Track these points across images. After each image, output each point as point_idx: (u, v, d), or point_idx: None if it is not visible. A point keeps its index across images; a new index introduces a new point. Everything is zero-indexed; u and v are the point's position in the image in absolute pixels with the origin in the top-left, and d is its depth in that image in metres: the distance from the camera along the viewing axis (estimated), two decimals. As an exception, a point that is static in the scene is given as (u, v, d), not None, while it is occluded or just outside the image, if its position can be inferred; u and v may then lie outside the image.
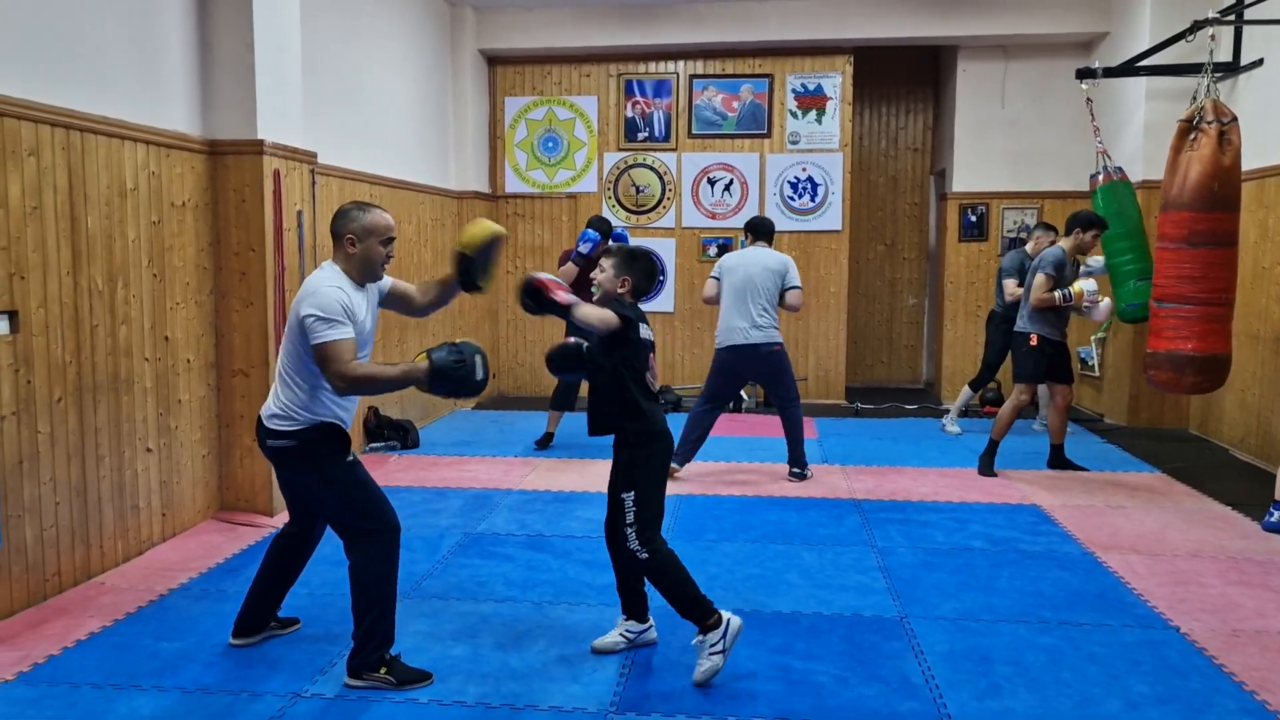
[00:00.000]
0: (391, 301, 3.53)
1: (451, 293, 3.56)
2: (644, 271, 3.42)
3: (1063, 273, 5.90)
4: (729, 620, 3.27)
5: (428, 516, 5.22)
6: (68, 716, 3.02)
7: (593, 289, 3.47)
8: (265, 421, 3.26)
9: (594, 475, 6.11)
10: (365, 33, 6.85)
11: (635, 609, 3.54)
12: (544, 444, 6.94)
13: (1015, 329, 6.15)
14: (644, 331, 3.40)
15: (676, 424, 7.74)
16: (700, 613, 3.26)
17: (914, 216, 10.21)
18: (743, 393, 8.66)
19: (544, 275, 3.31)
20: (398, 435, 6.97)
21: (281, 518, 5.11)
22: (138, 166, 4.46)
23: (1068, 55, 8.59)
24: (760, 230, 6.09)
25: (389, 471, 6.26)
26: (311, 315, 3.06)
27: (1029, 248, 7.18)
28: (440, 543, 4.78)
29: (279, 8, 5.15)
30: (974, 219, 8.96)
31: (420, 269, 7.74)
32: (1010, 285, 7.03)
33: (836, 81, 8.89)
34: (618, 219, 9.17)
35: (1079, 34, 8.40)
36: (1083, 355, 8.53)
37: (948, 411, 7.80)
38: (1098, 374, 8.34)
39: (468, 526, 5.05)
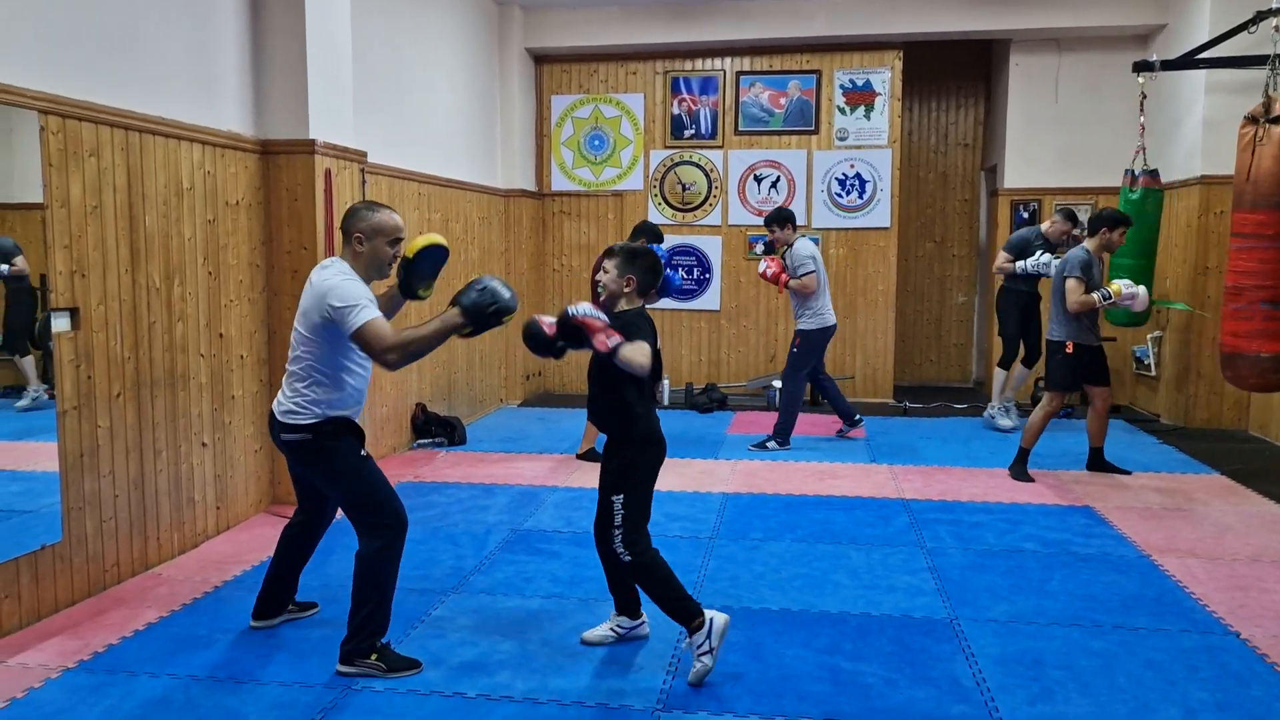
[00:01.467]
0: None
1: (398, 302, 3.60)
2: (647, 268, 3.39)
3: (1090, 273, 5.78)
4: (712, 620, 3.26)
5: (475, 513, 5.26)
6: (125, 704, 3.09)
7: (598, 290, 3.46)
8: (280, 416, 3.34)
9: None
10: (414, 33, 6.91)
11: (627, 606, 3.58)
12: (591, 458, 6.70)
13: (1049, 337, 6.02)
14: (657, 341, 3.37)
15: (720, 421, 7.74)
16: (685, 614, 3.27)
17: (964, 213, 10.08)
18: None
19: (584, 311, 3.16)
20: (445, 432, 7.03)
21: (332, 512, 5.20)
22: (193, 166, 4.54)
23: (1123, 48, 8.42)
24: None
25: (436, 467, 6.31)
26: (339, 307, 3.14)
27: (1044, 228, 7.35)
28: (487, 539, 4.81)
29: (330, 9, 5.21)
30: (1026, 215, 8.82)
31: (468, 266, 7.80)
32: (1001, 258, 7.38)
33: (885, 77, 8.80)
34: (664, 216, 9.17)
35: (1135, 26, 8.22)
36: (1139, 354, 8.36)
37: (1004, 406, 7.68)
38: (1154, 374, 8.16)
39: (514, 523, 5.08)
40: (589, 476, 6.03)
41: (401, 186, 6.61)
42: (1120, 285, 5.71)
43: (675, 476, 6.01)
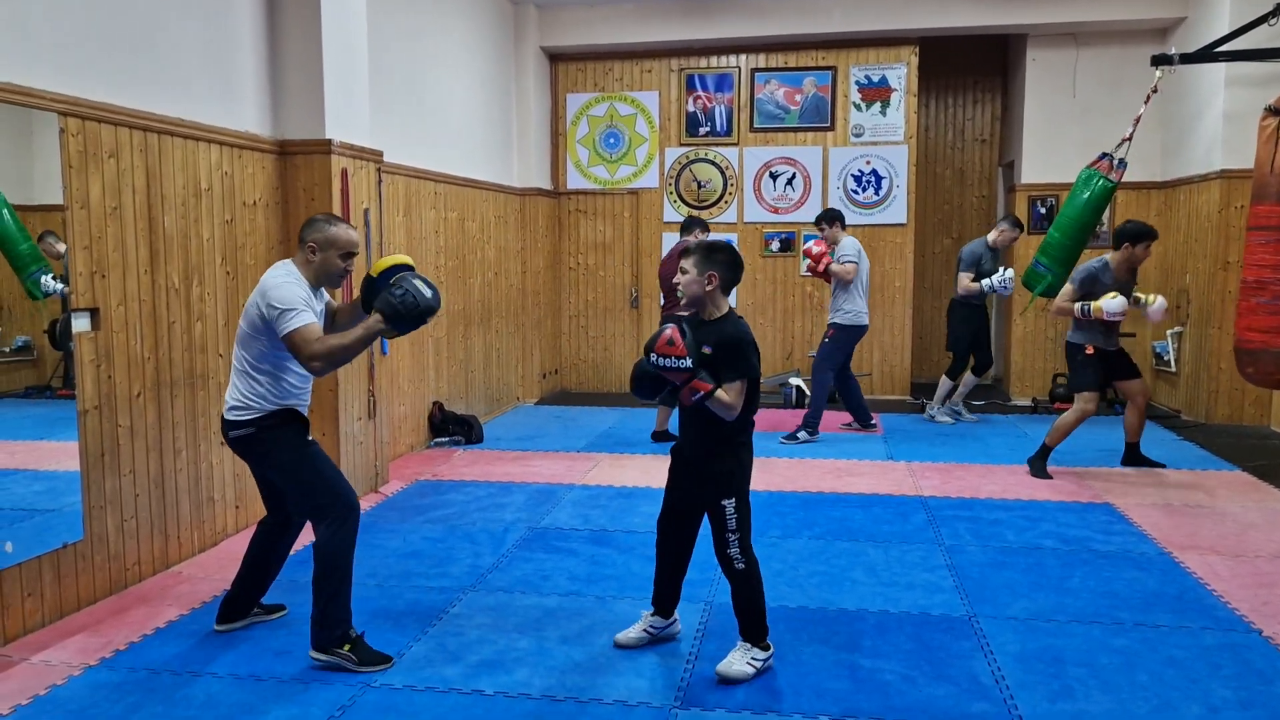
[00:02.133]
0: (324, 317, 3.58)
1: (361, 317, 3.51)
2: (728, 263, 3.24)
3: (1092, 288, 5.72)
4: (773, 651, 3.32)
5: (492, 511, 5.27)
6: (148, 702, 3.11)
7: (678, 293, 3.32)
8: (225, 414, 3.39)
9: (657, 471, 6.10)
10: (430, 32, 6.93)
11: (665, 604, 3.53)
12: (662, 438, 6.98)
13: (1068, 339, 5.98)
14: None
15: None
16: (762, 629, 3.30)
17: (981, 209, 10.02)
18: (805, 388, 8.59)
19: (668, 363, 3.01)
20: (462, 430, 7.05)
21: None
22: (211, 167, 4.56)
23: (1142, 42, 8.34)
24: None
25: (454, 466, 6.33)
26: (274, 309, 3.21)
27: (990, 238, 7.44)
28: (505, 537, 4.82)
29: (346, 9, 5.23)
30: (1044, 211, 8.76)
31: (484, 265, 7.81)
32: (965, 279, 7.34)
33: (901, 73, 8.76)
34: (679, 214, 9.16)
35: (1154, 20, 8.15)
36: (1159, 350, 8.30)
37: (1018, 404, 7.67)
38: (1174, 370, 8.10)
39: (532, 521, 5.09)
40: (607, 474, 6.04)
41: (418, 186, 6.63)
42: (1104, 308, 5.62)
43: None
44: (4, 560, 3.47)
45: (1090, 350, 5.81)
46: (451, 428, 7.04)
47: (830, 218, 7.14)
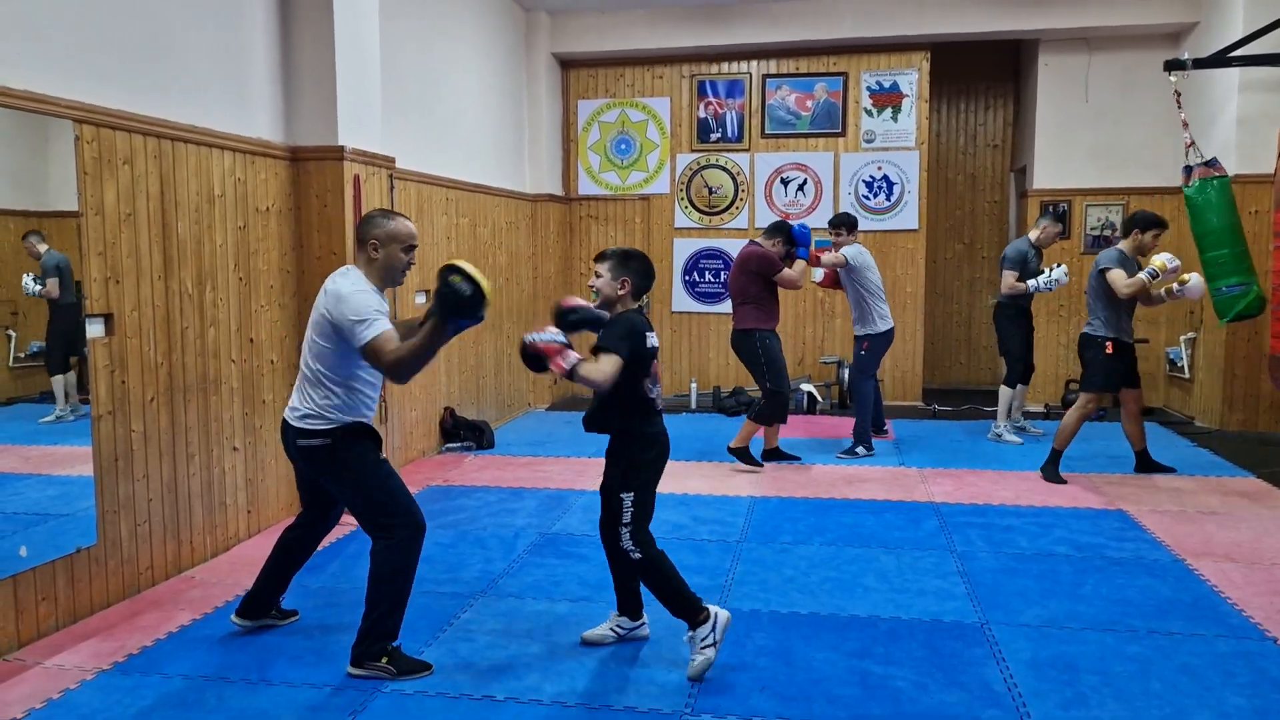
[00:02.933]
0: None
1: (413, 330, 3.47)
2: (641, 270, 3.43)
3: (1128, 265, 5.72)
4: (716, 614, 3.33)
5: (503, 516, 5.28)
6: (161, 706, 3.12)
7: (592, 294, 3.49)
8: (295, 423, 3.36)
9: (667, 476, 6.07)
10: (442, 39, 6.95)
11: (629, 607, 3.59)
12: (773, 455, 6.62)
13: (1087, 332, 5.93)
14: (650, 341, 3.40)
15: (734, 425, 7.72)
16: (690, 610, 3.32)
17: (993, 215, 10.00)
18: (817, 394, 8.58)
19: (540, 339, 3.20)
20: (473, 436, 7.06)
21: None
22: (225, 173, 4.59)
23: (1155, 47, 8.33)
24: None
25: (465, 471, 6.34)
26: (348, 319, 3.19)
27: (1033, 236, 7.05)
28: (516, 542, 4.82)
29: (359, 16, 5.26)
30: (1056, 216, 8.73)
31: (495, 270, 7.83)
32: (1009, 278, 6.94)
33: (913, 78, 8.76)
34: (690, 220, 9.17)
35: (1167, 24, 8.13)
36: (1171, 356, 8.26)
37: (1031, 410, 7.60)
38: (1188, 375, 8.06)
39: (543, 526, 5.09)
40: (616, 480, 6.03)
41: (430, 192, 6.65)
42: (1164, 260, 5.62)
43: (703, 479, 6.00)
44: (18, 564, 3.50)
45: (1110, 348, 5.78)
46: (463, 433, 7.05)
47: (849, 223, 6.90)
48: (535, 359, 3.24)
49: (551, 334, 3.22)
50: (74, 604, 3.75)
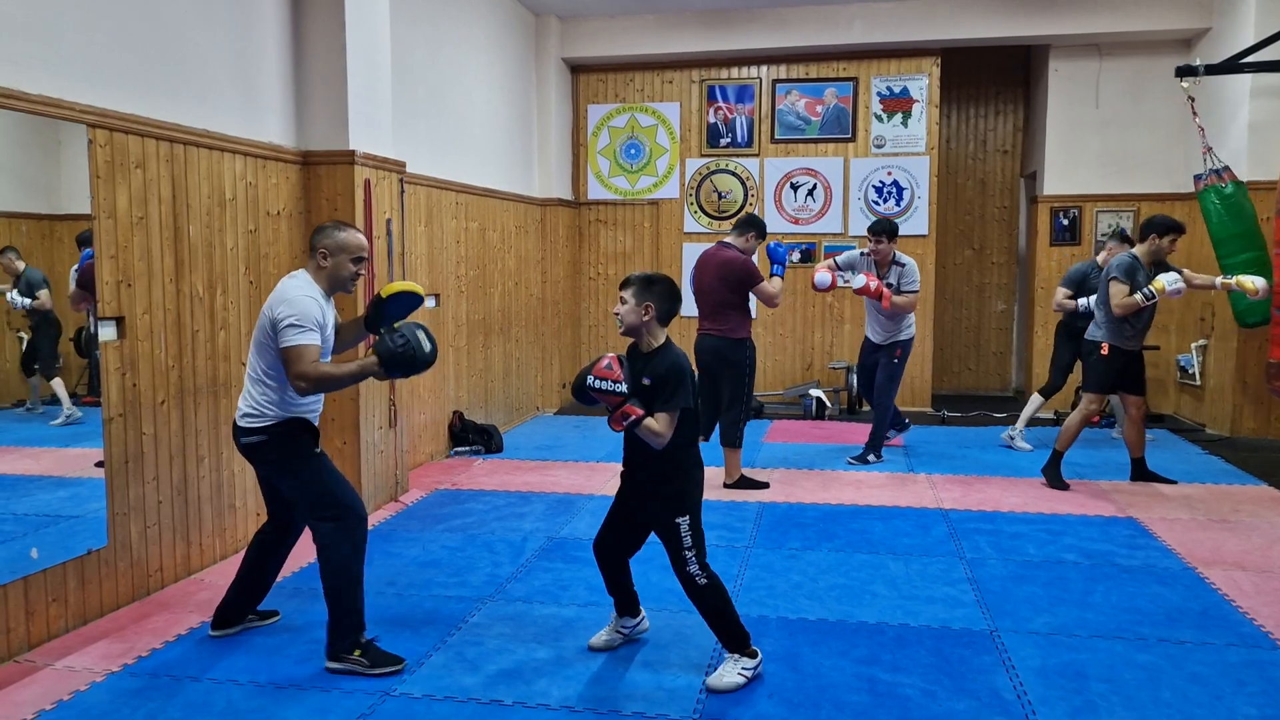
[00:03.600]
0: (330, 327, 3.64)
1: (361, 334, 3.68)
2: (665, 294, 3.26)
3: (1134, 278, 5.67)
4: (760, 656, 3.35)
5: (512, 520, 5.28)
6: (169, 708, 3.13)
7: (616, 322, 3.36)
8: (239, 421, 3.44)
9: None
10: (452, 44, 6.97)
11: (628, 606, 3.62)
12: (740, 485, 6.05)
13: (1086, 336, 5.93)
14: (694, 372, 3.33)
15: (756, 430, 7.71)
16: (742, 638, 3.31)
17: (1003, 220, 9.98)
18: (825, 400, 8.57)
19: (604, 386, 3.15)
20: (482, 440, 7.07)
21: (372, 518, 5.24)
22: (236, 177, 4.61)
23: (1166, 53, 8.31)
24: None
25: (473, 475, 6.35)
26: (285, 319, 3.27)
27: (1100, 258, 6.80)
28: (524, 546, 4.82)
29: (370, 21, 5.28)
30: (1066, 222, 8.72)
31: (504, 274, 7.84)
32: (1060, 294, 6.84)
33: (923, 84, 8.75)
34: (700, 225, 9.18)
35: (1178, 30, 8.10)
36: (1183, 363, 8.22)
37: (1041, 417, 7.56)
38: (1198, 383, 8.02)
39: (551, 531, 5.09)
40: (625, 485, 6.03)
41: (439, 196, 6.67)
42: (1164, 282, 5.59)
43: (710, 486, 5.99)
44: (29, 566, 3.51)
45: (1105, 350, 5.77)
46: (471, 437, 7.06)
47: (893, 231, 6.46)
48: (592, 400, 3.21)
49: (614, 385, 3.15)
50: (84, 606, 3.77)
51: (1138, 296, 5.60)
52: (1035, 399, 7.19)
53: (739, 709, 3.12)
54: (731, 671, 3.27)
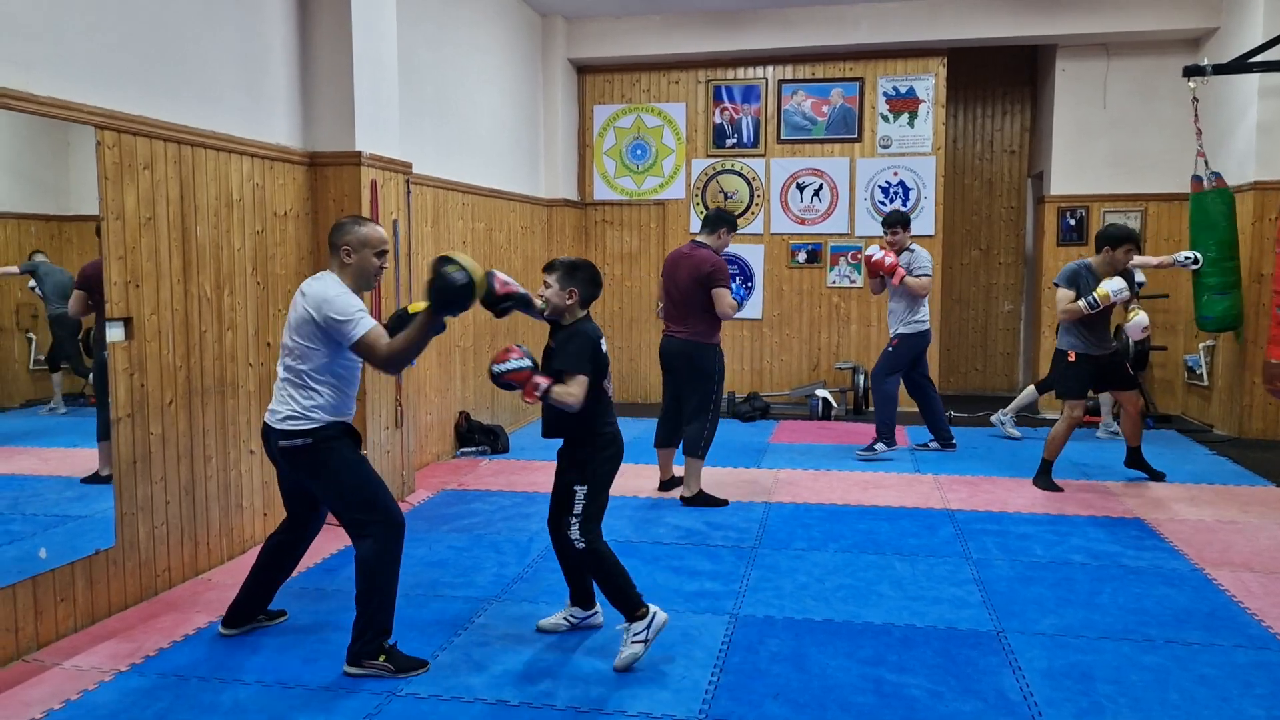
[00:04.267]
0: None
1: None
2: (588, 280, 3.55)
3: (1076, 284, 5.65)
4: (655, 614, 3.46)
5: (518, 520, 5.29)
6: (177, 707, 3.14)
7: (539, 305, 3.57)
8: (277, 425, 3.42)
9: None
10: (458, 44, 6.98)
11: (581, 596, 3.74)
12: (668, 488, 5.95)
13: (1056, 346, 5.95)
14: (603, 347, 3.56)
15: (763, 430, 7.70)
16: (629, 603, 3.45)
17: (1010, 220, 9.96)
18: (831, 400, 8.57)
19: (507, 368, 3.37)
20: (488, 440, 7.08)
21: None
22: (243, 178, 4.62)
23: (1174, 52, 8.28)
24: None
25: (480, 476, 6.36)
26: (336, 319, 3.29)
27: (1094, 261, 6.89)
28: (530, 546, 4.83)
29: (377, 23, 5.29)
30: (1073, 222, 8.70)
31: (510, 275, 7.82)
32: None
33: (929, 84, 8.74)
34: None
35: (1186, 30, 8.08)
36: (1190, 364, 8.20)
37: (1047, 418, 7.57)
38: (1206, 383, 8.00)
39: (557, 531, 5.09)
40: (632, 484, 6.04)
41: (446, 197, 6.68)
42: (1108, 289, 5.55)
43: (717, 485, 5.99)
44: (38, 566, 3.52)
45: (1072, 356, 5.77)
46: (478, 437, 7.07)
47: (907, 221, 6.81)
48: (507, 387, 3.41)
49: (516, 362, 3.38)
50: (92, 605, 3.78)
51: (1081, 304, 5.59)
52: (1030, 391, 7.48)
53: (745, 709, 3.12)
54: (627, 645, 3.41)
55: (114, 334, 3.85)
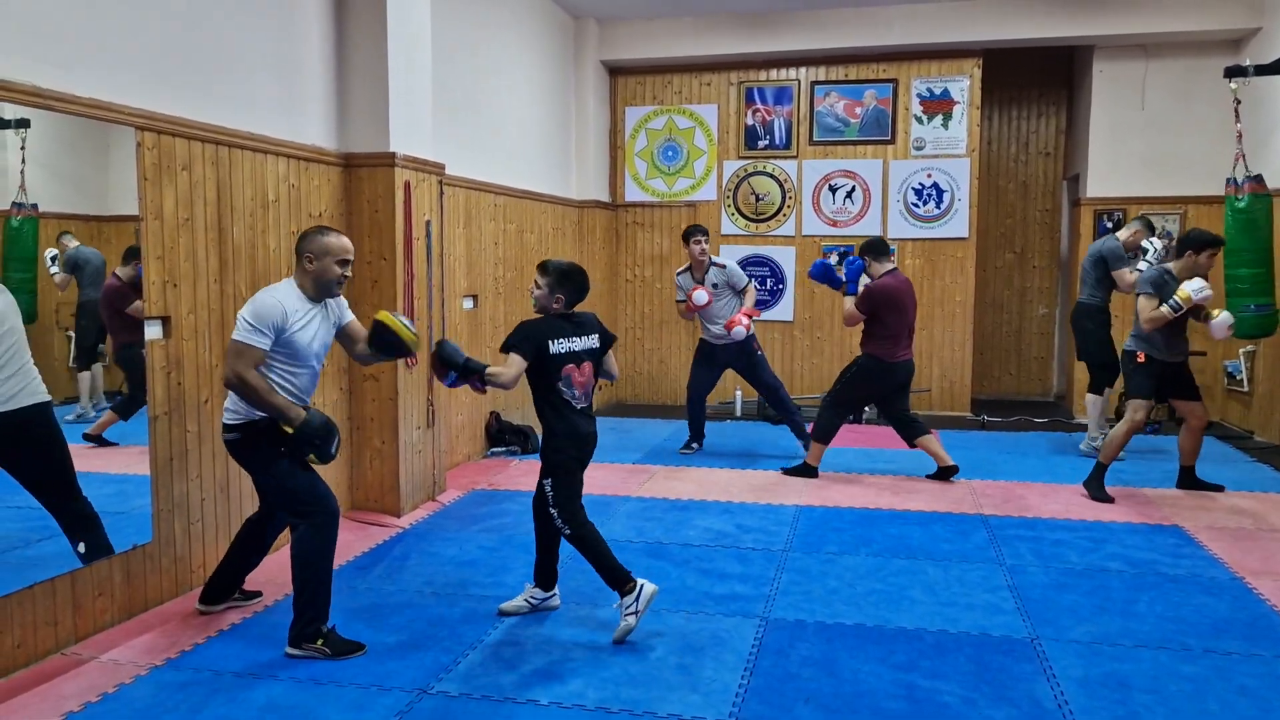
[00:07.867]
0: (342, 337, 3.82)
1: (373, 356, 3.87)
2: (576, 287, 3.85)
3: (1163, 291, 5.56)
4: (642, 586, 3.65)
5: (548, 521, 5.29)
6: (212, 702, 3.17)
7: (532, 300, 3.88)
8: (222, 419, 3.59)
9: (712, 484, 6.09)
10: (491, 46, 7.01)
11: (544, 579, 3.98)
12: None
13: (1124, 347, 5.85)
14: (564, 345, 3.75)
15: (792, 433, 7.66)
16: (617, 578, 3.66)
17: (1045, 223, 9.85)
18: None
19: (446, 351, 3.70)
20: (518, 440, 7.10)
21: (410, 517, 5.29)
22: (279, 179, 4.67)
23: (1214, 53, 8.15)
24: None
25: (510, 475, 6.37)
26: (241, 316, 3.43)
27: (1122, 236, 6.86)
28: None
29: (411, 24, 5.32)
30: (1109, 226, 8.57)
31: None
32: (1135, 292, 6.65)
33: (964, 85, 8.66)
34: (737, 227, 9.15)
35: (1227, 30, 7.95)
36: (1230, 369, 8.07)
37: (1083, 423, 7.43)
38: (1246, 389, 7.87)
39: (587, 532, 5.09)
40: (662, 486, 6.04)
41: (477, 198, 6.71)
42: (1189, 290, 5.46)
43: (747, 488, 5.97)
44: (77, 560, 3.58)
45: (1141, 358, 5.68)
46: (508, 437, 7.09)
47: (706, 231, 7.05)
48: (444, 372, 3.73)
49: (450, 353, 3.71)
50: (129, 600, 3.83)
51: (1165, 309, 5.49)
52: (1091, 400, 6.98)
53: (776, 712, 3.11)
54: (622, 619, 3.62)
55: (152, 333, 3.90)
